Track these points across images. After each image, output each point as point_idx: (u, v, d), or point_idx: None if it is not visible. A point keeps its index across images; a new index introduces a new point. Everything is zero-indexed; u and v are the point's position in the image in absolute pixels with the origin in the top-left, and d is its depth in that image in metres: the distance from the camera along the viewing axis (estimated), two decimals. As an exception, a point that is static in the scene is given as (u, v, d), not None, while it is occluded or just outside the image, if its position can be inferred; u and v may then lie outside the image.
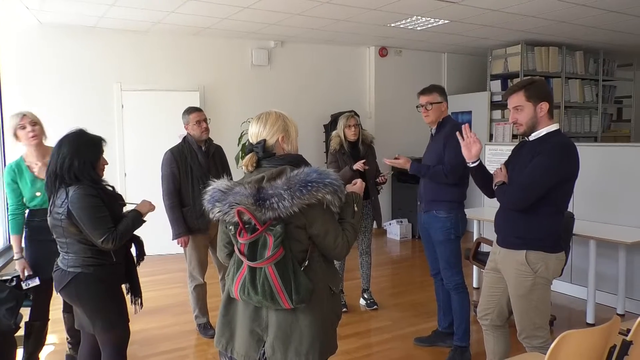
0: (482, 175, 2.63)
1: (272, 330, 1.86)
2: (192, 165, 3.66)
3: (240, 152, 6.28)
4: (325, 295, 1.89)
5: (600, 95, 7.81)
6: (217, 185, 1.88)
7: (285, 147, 1.95)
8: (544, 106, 2.44)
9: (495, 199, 2.61)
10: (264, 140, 1.92)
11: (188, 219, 3.64)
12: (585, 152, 2.46)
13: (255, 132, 1.95)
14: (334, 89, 7.35)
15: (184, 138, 3.76)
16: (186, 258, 3.78)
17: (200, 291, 3.83)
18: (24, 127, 3.04)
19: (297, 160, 1.91)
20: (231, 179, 1.95)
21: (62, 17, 5.47)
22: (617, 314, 4.14)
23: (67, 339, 3.38)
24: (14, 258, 3.02)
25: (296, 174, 1.78)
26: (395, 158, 3.42)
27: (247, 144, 1.98)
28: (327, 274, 1.92)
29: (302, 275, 1.80)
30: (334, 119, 6.87)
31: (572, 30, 6.37)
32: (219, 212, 1.83)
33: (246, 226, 1.80)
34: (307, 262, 1.84)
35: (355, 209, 1.97)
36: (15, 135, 3.05)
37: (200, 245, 3.73)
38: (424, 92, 3.38)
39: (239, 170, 6.20)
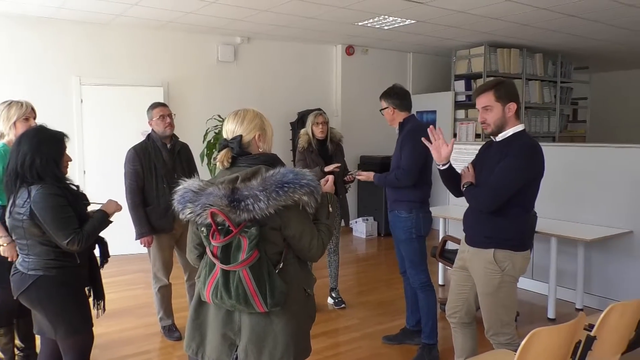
0: (451, 177, 2.66)
1: (245, 334, 1.82)
2: (156, 163, 3.56)
3: (206, 150, 6.18)
4: (300, 297, 1.88)
5: (558, 96, 8.07)
6: (188, 185, 1.83)
7: (260, 146, 1.93)
8: (512, 107, 2.48)
9: (463, 198, 2.66)
10: (240, 136, 1.89)
11: (152, 218, 3.54)
12: (545, 151, 2.52)
13: (231, 129, 1.92)
14: (300, 87, 7.32)
15: (148, 135, 3.66)
16: (150, 258, 3.68)
17: (165, 292, 3.74)
18: (27, 119, 2.88)
19: (273, 160, 1.89)
20: (198, 177, 1.91)
21: (18, 7, 5.24)
22: (577, 309, 4.30)
23: (18, 346, 3.14)
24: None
25: (272, 175, 1.75)
26: (357, 175, 3.57)
27: (221, 139, 1.95)
28: (301, 275, 1.90)
29: (277, 278, 1.78)
30: (301, 117, 6.85)
31: (533, 33, 6.54)
32: (190, 213, 1.78)
33: (219, 228, 1.76)
34: (281, 265, 1.82)
35: (330, 209, 1.96)
36: (14, 125, 2.86)
37: (165, 245, 3.64)
38: (379, 98, 3.48)
39: (204, 168, 6.10)
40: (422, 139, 2.66)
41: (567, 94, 8.40)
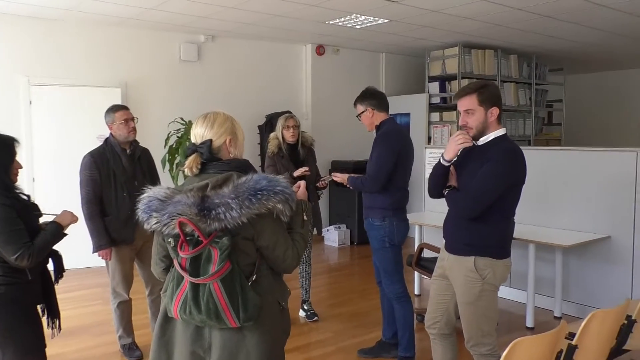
0: (442, 177, 2.67)
1: (216, 351, 1.80)
2: (115, 170, 3.49)
3: (168, 155, 6.10)
4: (274, 311, 1.87)
5: (534, 98, 8.29)
6: (154, 193, 1.80)
7: (231, 151, 1.92)
8: (495, 111, 2.53)
9: (435, 199, 2.70)
10: (210, 141, 1.88)
11: (111, 229, 3.46)
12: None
13: (200, 133, 1.91)
14: (268, 88, 7.31)
15: (106, 140, 3.58)
16: (109, 272, 3.60)
17: (125, 308, 3.66)
18: None
19: (244, 166, 1.88)
20: (159, 184, 1.90)
21: (-41, 0, 5.07)
22: (555, 317, 4.41)
23: None
24: None
25: (244, 182, 1.75)
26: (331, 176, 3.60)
27: (188, 144, 1.93)
28: (276, 288, 1.90)
29: (250, 290, 1.77)
30: (269, 120, 6.84)
31: (508, 34, 6.72)
32: (156, 223, 1.76)
33: (188, 239, 1.74)
34: (254, 276, 1.81)
35: (305, 218, 1.96)
36: None
37: (125, 258, 3.56)
38: (353, 104, 3.51)
39: (166, 175, 6.01)
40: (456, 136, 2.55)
41: (542, 96, 8.64)
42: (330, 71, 7.75)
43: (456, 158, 2.61)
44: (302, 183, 2.14)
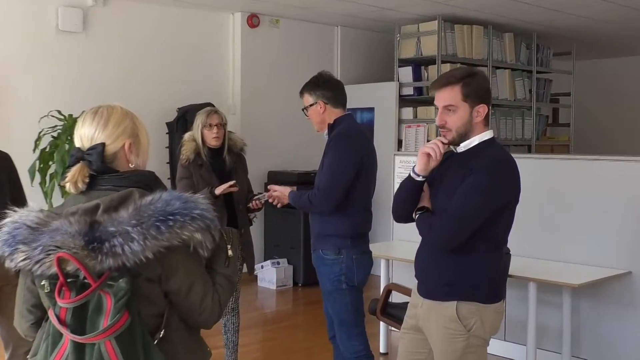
0: (413, 197, 2.73)
1: None
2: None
3: (39, 163, 5.95)
4: (189, 378, 1.87)
5: (535, 91, 8.59)
6: (20, 217, 1.78)
7: (132, 160, 1.92)
8: (482, 110, 2.63)
9: (407, 224, 2.77)
10: (103, 146, 1.88)
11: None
12: (519, 167, 2.68)
13: (88, 134, 1.91)
14: (181, 72, 7.27)
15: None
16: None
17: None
18: None
19: (149, 180, 1.89)
20: (25, 204, 1.86)
21: None
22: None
23: None
24: None
25: (150, 202, 1.75)
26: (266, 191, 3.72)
27: (73, 151, 1.92)
28: (190, 347, 1.90)
29: (156, 351, 1.77)
30: (183, 115, 6.80)
31: (502, 6, 6.95)
32: (24, 260, 1.74)
33: (70, 281, 1.72)
34: (162, 332, 1.81)
35: (230, 252, 1.98)
36: None
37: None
38: (299, 94, 3.59)
39: (36, 190, 5.86)
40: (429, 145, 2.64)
41: (545, 88, 8.96)
42: (266, 50, 7.79)
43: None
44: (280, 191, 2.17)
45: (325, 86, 3.52)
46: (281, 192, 3.59)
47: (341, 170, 3.35)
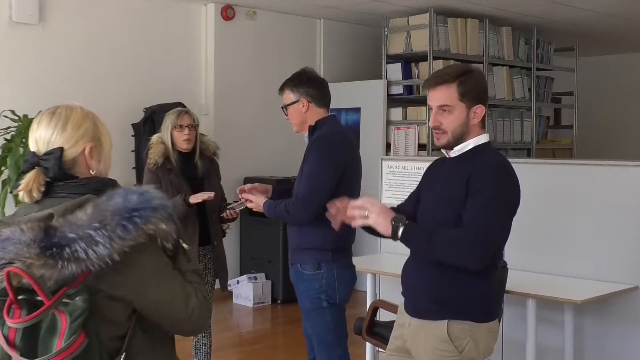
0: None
1: None
2: None
3: (-10, 168, 5.91)
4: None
5: (534, 90, 8.64)
6: (-33, 228, 1.76)
7: (93, 166, 1.92)
8: (480, 111, 2.65)
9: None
10: (61, 150, 1.87)
11: None
12: (518, 173, 2.69)
13: (45, 137, 1.90)
14: (149, 69, 7.25)
15: None
16: None
17: None
18: None
19: (109, 188, 1.87)
20: None
21: None
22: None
23: None
24: None
25: (106, 199, 1.76)
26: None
27: (27, 155, 1.91)
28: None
29: (116, 376, 1.77)
30: (150, 116, 6.77)
31: (498, -3, 7.00)
32: (-33, 274, 1.72)
33: (21, 298, 1.71)
34: (123, 355, 1.80)
35: (185, 246, 1.98)
36: None
37: None
38: (279, 90, 3.61)
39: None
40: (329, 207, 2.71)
41: (546, 87, 9.02)
42: (242, 45, 7.79)
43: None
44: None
45: (310, 83, 3.53)
46: (255, 203, 3.57)
47: (322, 176, 3.36)
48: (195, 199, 4.04)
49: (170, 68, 7.43)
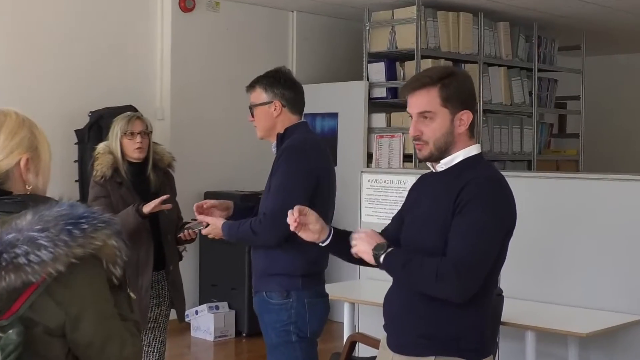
0: (344, 250, 2.75)
1: None
2: None
3: None
4: None
5: (536, 93, 8.70)
6: None
7: (29, 180, 1.92)
8: (466, 117, 2.66)
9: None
10: None
11: None
12: (517, 187, 2.71)
13: None
14: (95, 67, 7.21)
15: None
16: None
17: None
18: None
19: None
20: None
21: None
22: None
23: None
24: None
25: (49, 208, 1.76)
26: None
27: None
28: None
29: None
30: (96, 121, 6.74)
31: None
32: None
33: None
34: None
35: (132, 294, 1.99)
36: None
37: None
38: (247, 87, 3.63)
39: None
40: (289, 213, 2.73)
41: (549, 90, 9.08)
42: (203, 40, 7.79)
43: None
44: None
45: (287, 85, 3.55)
46: (213, 225, 3.55)
47: (294, 191, 3.35)
48: (149, 207, 4.02)
49: (119, 66, 7.40)
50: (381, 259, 2.57)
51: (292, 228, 2.72)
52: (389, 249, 2.58)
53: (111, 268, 1.83)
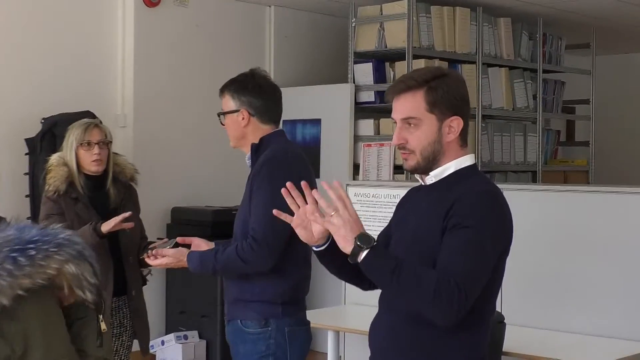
0: (338, 259, 2.68)
1: None
2: None
3: None
4: None
5: (541, 97, 8.73)
6: None
7: None
8: (456, 124, 2.66)
9: (371, 290, 2.79)
10: None
11: None
12: (519, 201, 2.73)
13: None
14: (49, 69, 7.20)
15: None
16: None
17: None
18: None
19: None
20: None
21: None
22: None
23: None
24: None
25: None
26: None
27: None
28: None
29: None
30: (50, 130, 6.72)
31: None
32: None
33: None
34: None
35: (103, 326, 1.99)
36: None
37: None
38: (220, 91, 3.66)
39: None
40: (282, 190, 2.65)
41: (556, 93, 9.11)
42: (170, 38, 7.78)
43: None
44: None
45: (255, 92, 3.56)
46: (175, 258, 3.55)
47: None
48: (108, 226, 4.02)
49: (76, 67, 7.37)
50: (364, 253, 2.44)
51: (294, 224, 2.65)
52: (375, 245, 2.47)
53: (79, 293, 1.83)
